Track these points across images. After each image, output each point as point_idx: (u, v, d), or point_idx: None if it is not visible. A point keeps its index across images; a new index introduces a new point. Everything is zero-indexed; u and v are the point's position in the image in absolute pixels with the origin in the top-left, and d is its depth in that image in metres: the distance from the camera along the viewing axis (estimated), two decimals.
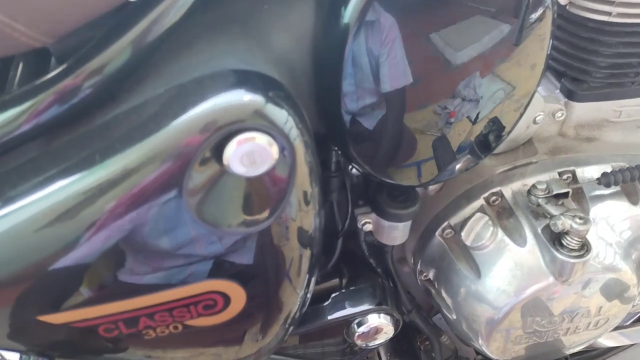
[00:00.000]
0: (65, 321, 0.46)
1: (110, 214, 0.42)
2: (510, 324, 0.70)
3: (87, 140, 0.43)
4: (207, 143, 0.41)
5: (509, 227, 0.68)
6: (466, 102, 0.59)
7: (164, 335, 0.51)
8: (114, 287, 0.46)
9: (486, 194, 0.70)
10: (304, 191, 0.50)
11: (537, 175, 0.69)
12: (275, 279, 0.55)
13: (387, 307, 0.73)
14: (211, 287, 0.48)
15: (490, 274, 0.68)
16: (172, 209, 0.44)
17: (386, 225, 0.68)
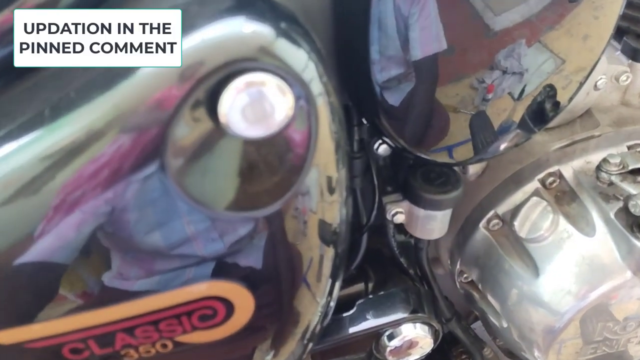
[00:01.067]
0: (17, 340, 0.35)
1: (70, 192, 0.31)
2: (575, 332, 0.59)
3: (33, 94, 0.32)
4: (196, 92, 0.30)
5: (573, 213, 0.58)
6: (508, 75, 0.52)
7: (149, 356, 0.40)
8: (81, 292, 0.34)
9: (541, 175, 0.60)
10: (327, 176, 0.40)
11: (602, 150, 0.60)
12: (290, 284, 0.46)
13: (424, 315, 0.62)
14: (210, 292, 0.37)
15: (551, 271, 0.58)
16: (154, 187, 0.33)
17: (421, 215, 0.57)
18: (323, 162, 0.39)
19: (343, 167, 0.41)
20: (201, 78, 0.31)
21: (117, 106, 0.30)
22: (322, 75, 0.35)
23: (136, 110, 0.30)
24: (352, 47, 0.46)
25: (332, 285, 0.50)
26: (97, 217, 0.33)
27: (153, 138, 0.31)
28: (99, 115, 0.30)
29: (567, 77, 0.54)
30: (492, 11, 0.47)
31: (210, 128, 0.31)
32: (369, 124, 0.53)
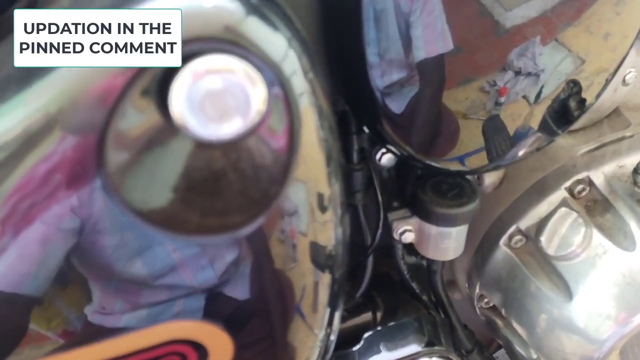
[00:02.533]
0: None
1: (19, 200, 0.26)
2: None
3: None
4: (142, 79, 0.24)
5: (607, 225, 0.54)
6: (522, 77, 0.50)
7: None
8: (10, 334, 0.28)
9: (568, 183, 0.56)
10: (318, 192, 0.37)
11: (636, 152, 0.56)
12: (281, 317, 0.41)
13: (442, 349, 0.57)
14: (176, 334, 0.31)
15: (586, 292, 0.53)
16: (84, 196, 0.27)
17: (434, 233, 0.52)
18: (312, 177, 0.34)
19: (336, 181, 0.36)
20: (139, 71, 0.25)
21: (54, 100, 0.25)
22: (308, 71, 0.30)
23: (76, 104, 0.25)
24: (345, 48, 0.43)
25: (332, 315, 0.44)
26: (66, 234, 0.27)
27: (90, 135, 0.25)
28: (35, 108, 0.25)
29: (588, 79, 0.52)
30: (503, 6, 0.46)
31: (159, 124, 0.25)
32: (370, 131, 0.49)
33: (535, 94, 0.51)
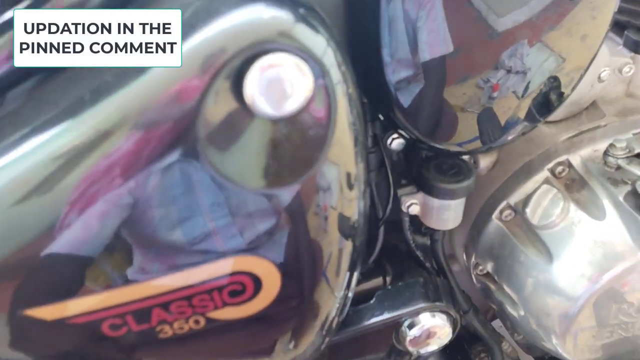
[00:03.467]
0: (59, 316, 0.38)
1: (91, 184, 0.34)
2: (590, 316, 0.61)
3: (73, 82, 0.35)
4: (219, 79, 0.33)
5: (583, 199, 0.61)
6: (512, 75, 0.55)
7: (183, 333, 0.42)
8: (119, 268, 0.37)
9: (551, 165, 0.63)
10: (346, 172, 0.43)
11: (609, 138, 0.62)
12: (311, 278, 0.48)
13: (442, 304, 0.63)
14: (240, 266, 0.39)
15: (564, 256, 0.60)
16: (184, 165, 0.35)
17: (436, 205, 0.59)
18: (342, 158, 0.41)
19: (361, 161, 0.44)
20: (224, 64, 0.33)
21: (132, 102, 0.33)
22: (341, 64, 0.38)
23: (152, 104, 0.33)
24: (365, 48, 0.49)
25: (350, 278, 0.52)
26: (120, 210, 0.35)
27: (187, 116, 0.34)
28: (114, 111, 0.33)
29: (568, 75, 0.57)
30: (495, 13, 0.50)
31: (237, 110, 0.34)
32: (384, 118, 0.56)
33: (523, 89, 0.56)
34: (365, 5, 0.48)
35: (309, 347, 0.53)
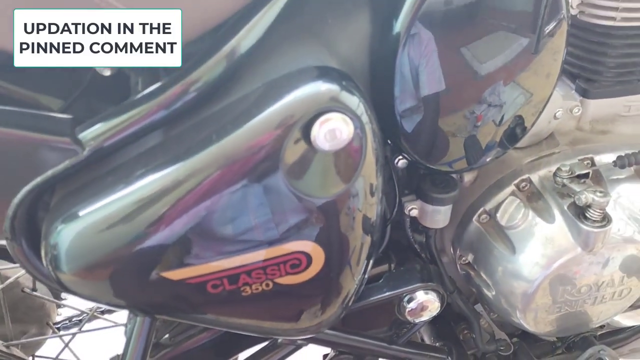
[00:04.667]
0: (183, 277, 0.57)
1: (226, 182, 0.53)
2: (543, 295, 0.78)
3: (203, 126, 0.54)
4: (294, 130, 0.52)
5: (538, 207, 0.77)
6: (491, 107, 0.68)
7: (257, 292, 0.61)
8: (227, 245, 0.56)
9: (516, 181, 0.79)
10: (370, 183, 0.59)
11: (560, 163, 0.79)
12: (339, 266, 0.64)
13: (434, 284, 0.82)
14: (300, 247, 0.58)
15: (525, 249, 0.77)
16: (272, 182, 0.54)
17: (430, 210, 0.77)
18: (368, 173, 0.58)
19: (380, 175, 0.60)
20: (297, 122, 0.52)
21: (258, 129, 0.52)
22: (367, 111, 0.56)
23: (270, 130, 0.52)
24: (382, 90, 0.63)
25: (367, 265, 0.68)
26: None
27: (275, 149, 0.53)
28: (246, 136, 0.52)
29: (535, 106, 0.70)
30: (479, 60, 0.62)
31: (307, 148, 0.53)
32: (392, 144, 0.71)
33: (499, 119, 0.69)
34: (384, 59, 0.62)
35: (331, 316, 0.70)
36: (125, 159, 0.55)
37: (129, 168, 0.54)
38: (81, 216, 0.54)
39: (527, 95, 0.69)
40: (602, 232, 0.71)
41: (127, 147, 0.55)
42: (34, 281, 0.98)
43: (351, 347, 0.87)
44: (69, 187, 0.57)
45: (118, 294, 0.59)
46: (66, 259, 0.55)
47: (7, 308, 0.86)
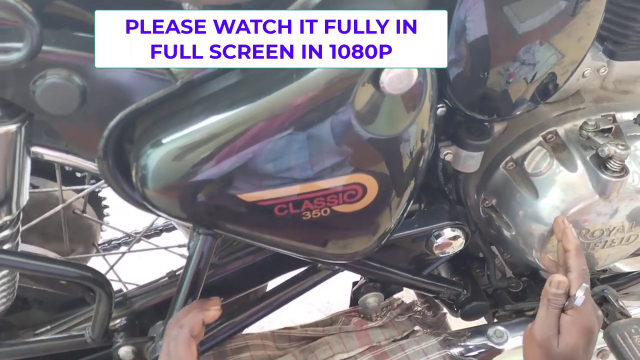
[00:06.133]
0: (256, 199, 0.64)
1: (301, 119, 0.60)
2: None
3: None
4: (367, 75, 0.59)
5: (562, 157, 0.85)
6: (526, 65, 0.73)
7: (315, 218, 0.68)
8: (298, 174, 0.63)
9: (544, 133, 0.86)
10: (422, 129, 0.66)
11: (585, 117, 0.86)
12: (388, 198, 0.70)
13: (460, 223, 0.90)
14: (359, 179, 0.66)
15: (546, 195, 0.85)
16: (342, 119, 0.61)
17: (463, 155, 0.83)
18: (423, 118, 0.64)
19: (432, 122, 0.67)
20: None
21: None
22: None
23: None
24: None
25: (407, 206, 0.75)
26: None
27: (347, 91, 0.59)
28: (324, 76, 0.59)
29: (565, 67, 0.76)
30: (519, 19, 0.67)
31: (376, 92, 0.60)
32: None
33: (531, 77, 0.74)
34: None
35: (368, 247, 0.78)
36: (211, 92, 0.62)
37: (214, 100, 0.61)
38: (169, 141, 0.61)
39: (559, 56, 0.74)
40: (619, 182, 0.79)
41: (213, 82, 0.62)
42: (84, 203, 1.06)
43: (380, 276, 0.96)
44: (154, 118, 0.63)
45: (194, 212, 0.66)
46: (153, 177, 0.62)
47: (65, 226, 0.94)
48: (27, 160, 0.65)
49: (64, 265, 0.71)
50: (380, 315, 1.01)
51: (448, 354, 0.97)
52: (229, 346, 0.95)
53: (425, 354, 0.96)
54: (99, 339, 0.83)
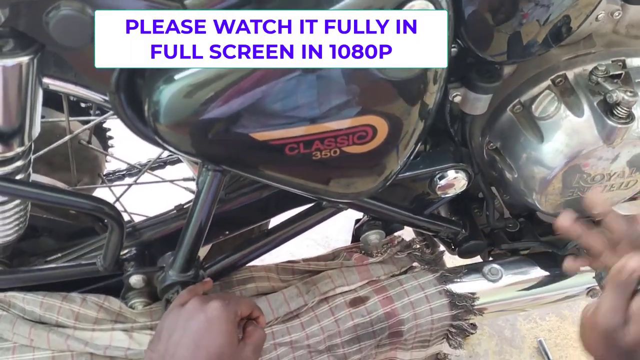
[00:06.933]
0: (267, 138, 0.65)
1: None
2: (560, 180, 0.89)
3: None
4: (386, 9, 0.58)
5: (570, 102, 0.85)
6: (538, 7, 0.72)
7: (324, 158, 0.69)
8: (308, 113, 0.64)
9: (553, 76, 0.85)
10: (436, 70, 0.65)
11: (595, 62, 0.85)
12: (397, 140, 0.71)
13: (464, 165, 0.91)
14: (370, 121, 0.66)
15: (551, 139, 0.85)
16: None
17: (472, 97, 0.84)
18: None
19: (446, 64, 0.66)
20: (383, 6, 0.58)
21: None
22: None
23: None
24: None
25: (415, 148, 0.76)
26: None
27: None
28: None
29: (580, 10, 0.74)
30: None
31: None
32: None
33: (544, 19, 0.72)
34: None
35: (373, 187, 0.79)
36: None
37: None
38: (181, 77, 0.61)
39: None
40: (624, 128, 0.80)
41: None
42: (90, 134, 1.06)
43: (383, 214, 0.98)
44: None
45: (205, 148, 0.67)
46: (165, 113, 0.63)
47: (73, 156, 0.95)
48: (39, 92, 0.65)
49: (77, 197, 0.73)
50: (381, 252, 1.04)
51: (444, 289, 1.01)
52: (234, 277, 0.98)
53: (423, 289, 0.99)
54: (110, 267, 0.86)
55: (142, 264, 0.90)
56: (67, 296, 0.91)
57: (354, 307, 0.96)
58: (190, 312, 0.71)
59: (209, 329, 0.69)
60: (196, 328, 0.69)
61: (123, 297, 0.93)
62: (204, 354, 0.68)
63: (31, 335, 0.86)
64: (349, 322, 0.95)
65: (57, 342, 0.86)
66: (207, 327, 0.69)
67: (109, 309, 0.91)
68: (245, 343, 0.73)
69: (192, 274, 0.86)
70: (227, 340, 0.69)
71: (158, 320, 0.90)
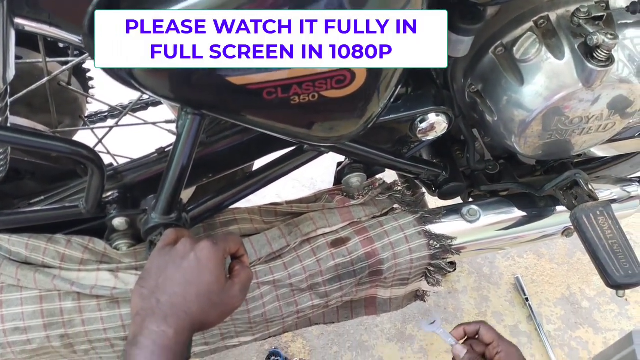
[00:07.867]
0: (244, 83, 0.65)
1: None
2: (539, 123, 0.89)
3: None
4: None
5: (551, 44, 0.85)
6: None
7: (303, 102, 0.69)
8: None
9: (535, 18, 0.85)
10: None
11: (578, 3, 0.84)
12: (376, 83, 0.71)
13: (445, 108, 0.92)
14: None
15: (531, 81, 0.86)
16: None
17: (454, 39, 0.82)
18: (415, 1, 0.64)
19: (426, 4, 0.64)
20: None
21: None
22: None
23: None
24: None
25: (395, 91, 0.76)
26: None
27: None
28: None
29: None
30: None
31: None
32: None
33: None
34: None
35: (354, 131, 0.80)
36: None
37: None
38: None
39: None
40: (603, 71, 0.80)
41: None
42: (69, 75, 1.05)
43: (364, 157, 0.99)
44: None
45: (183, 93, 0.67)
46: None
47: (52, 98, 0.93)
48: (11, 33, 0.64)
49: (55, 140, 0.73)
50: (362, 194, 1.06)
51: (423, 230, 1.03)
52: (218, 220, 1.00)
53: (402, 230, 1.02)
54: (92, 210, 0.87)
55: (125, 207, 0.91)
56: (52, 238, 0.92)
57: (336, 247, 0.98)
58: (181, 252, 0.75)
59: (199, 267, 0.73)
60: (187, 266, 0.73)
61: (107, 239, 0.95)
62: (194, 290, 0.72)
63: (18, 275, 0.88)
64: (330, 261, 0.98)
65: (44, 282, 0.88)
66: (198, 266, 0.73)
67: (94, 250, 0.93)
68: (234, 282, 0.77)
69: (174, 216, 0.88)
70: (216, 278, 0.74)
71: (143, 261, 0.92)
